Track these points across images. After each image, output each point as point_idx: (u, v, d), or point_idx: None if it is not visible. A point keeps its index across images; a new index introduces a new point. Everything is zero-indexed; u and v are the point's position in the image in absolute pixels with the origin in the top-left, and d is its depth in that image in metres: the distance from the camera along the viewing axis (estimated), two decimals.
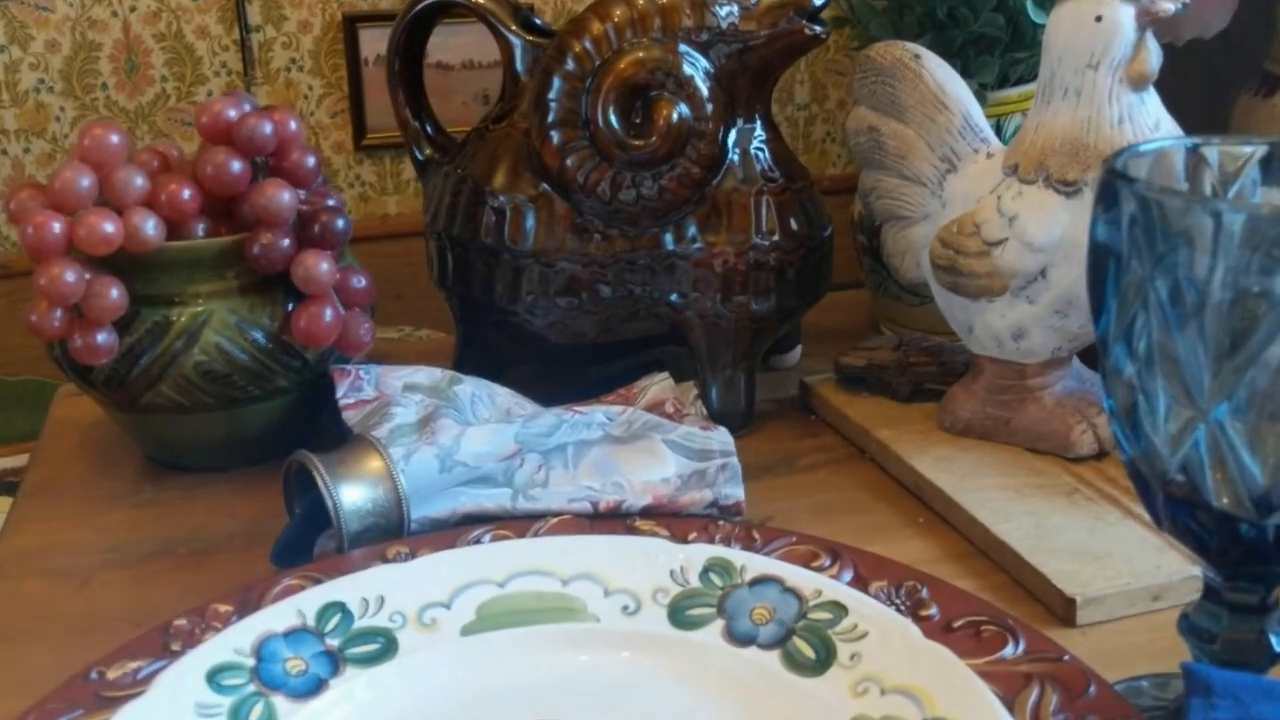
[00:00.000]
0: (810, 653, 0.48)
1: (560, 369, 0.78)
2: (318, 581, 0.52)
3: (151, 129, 1.70)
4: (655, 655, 0.49)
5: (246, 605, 0.51)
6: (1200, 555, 0.40)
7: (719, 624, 0.50)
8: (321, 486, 0.55)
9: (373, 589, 0.51)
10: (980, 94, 0.73)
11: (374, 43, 1.76)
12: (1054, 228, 0.59)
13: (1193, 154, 0.41)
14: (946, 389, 0.69)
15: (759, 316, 0.70)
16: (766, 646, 0.48)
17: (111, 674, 0.47)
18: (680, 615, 0.50)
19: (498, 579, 0.51)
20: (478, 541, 0.55)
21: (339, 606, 0.50)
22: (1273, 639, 0.40)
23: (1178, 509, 0.39)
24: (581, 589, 0.51)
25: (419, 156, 0.77)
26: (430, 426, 0.61)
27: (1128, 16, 0.58)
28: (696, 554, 0.52)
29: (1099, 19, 0.58)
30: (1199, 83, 1.01)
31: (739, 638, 0.49)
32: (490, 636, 0.49)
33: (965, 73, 0.73)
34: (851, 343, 0.75)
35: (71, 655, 0.50)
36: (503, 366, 0.76)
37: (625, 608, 0.51)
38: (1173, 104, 0.62)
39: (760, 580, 0.51)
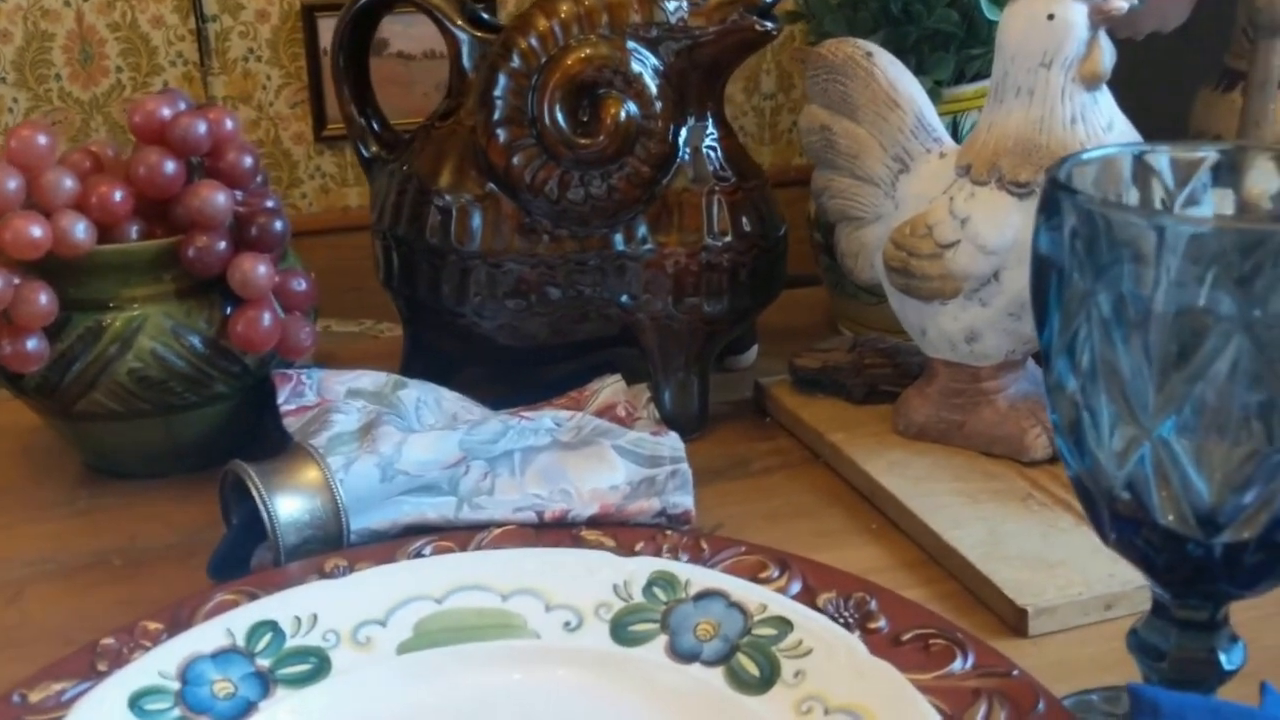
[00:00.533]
0: (754, 670, 0.46)
1: (510, 371, 0.76)
2: (252, 597, 0.51)
3: (106, 120, 1.67)
4: (597, 673, 0.47)
5: (177, 623, 0.49)
6: (1147, 573, 0.39)
7: (662, 640, 0.48)
8: (257, 498, 0.54)
9: (305, 607, 0.49)
10: (935, 91, 0.72)
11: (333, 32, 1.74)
12: (1006, 230, 0.58)
13: (1139, 161, 0.40)
14: (901, 391, 0.68)
15: (712, 318, 0.68)
16: (710, 663, 0.47)
17: (34, 696, 0.45)
18: (623, 631, 0.49)
19: (436, 595, 0.50)
20: (419, 554, 0.54)
21: (270, 625, 0.48)
22: (1222, 657, 0.39)
23: (1124, 526, 0.38)
24: (522, 604, 0.50)
25: (365, 154, 0.75)
26: (371, 434, 0.59)
27: (1080, 15, 0.57)
28: (641, 567, 0.51)
29: (1051, 17, 0.57)
30: (1158, 78, 1.00)
31: (682, 654, 0.48)
32: (428, 654, 0.48)
33: (920, 69, 0.72)
34: (808, 343, 0.74)
35: (11, 668, 0.49)
36: (452, 368, 0.75)
37: (567, 623, 0.49)
38: (1132, 99, 0.61)
39: (705, 594, 0.49)
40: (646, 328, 0.69)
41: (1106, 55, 0.57)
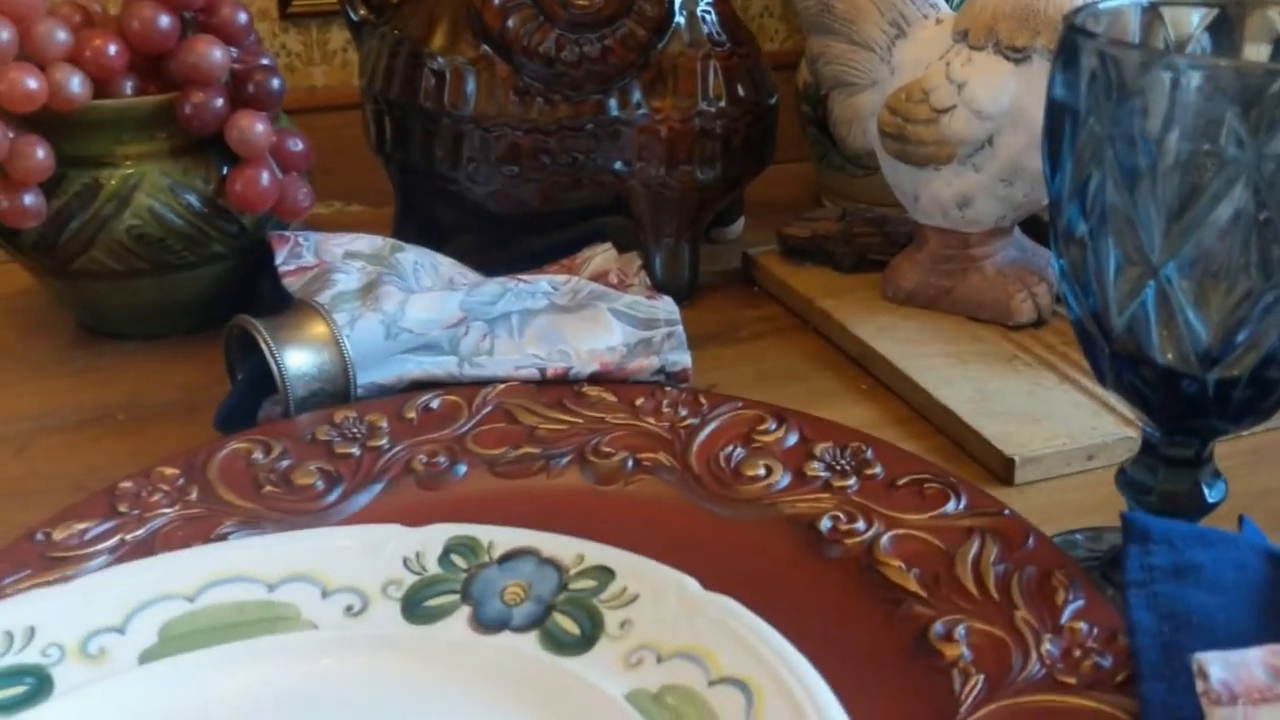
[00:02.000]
0: (574, 628, 0.41)
1: (501, 238, 0.77)
2: (265, 447, 0.52)
3: None
4: (391, 658, 0.41)
5: (191, 468, 0.50)
6: (1142, 410, 0.41)
7: (464, 611, 0.42)
8: (266, 351, 0.55)
9: (19, 619, 0.40)
10: None
11: None
12: (1002, 95, 0.59)
13: (1148, 13, 0.41)
14: (890, 259, 0.69)
15: (704, 185, 0.69)
16: (521, 629, 0.41)
17: (57, 534, 0.46)
18: (416, 609, 0.42)
19: (185, 593, 0.41)
20: (427, 407, 0.55)
21: None
22: (1205, 490, 0.42)
23: (1123, 365, 0.40)
24: (293, 593, 0.42)
25: (353, 17, 0.74)
26: (373, 293, 0.60)
27: None
28: (434, 536, 0.44)
29: None
30: None
31: (488, 624, 0.41)
32: (177, 660, 0.40)
33: None
34: (794, 215, 0.75)
35: (12, 517, 0.50)
36: (443, 235, 0.75)
37: (349, 608, 0.42)
38: None
39: (512, 555, 0.43)
40: (639, 195, 0.69)
41: None
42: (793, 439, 0.53)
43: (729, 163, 0.69)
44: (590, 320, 0.62)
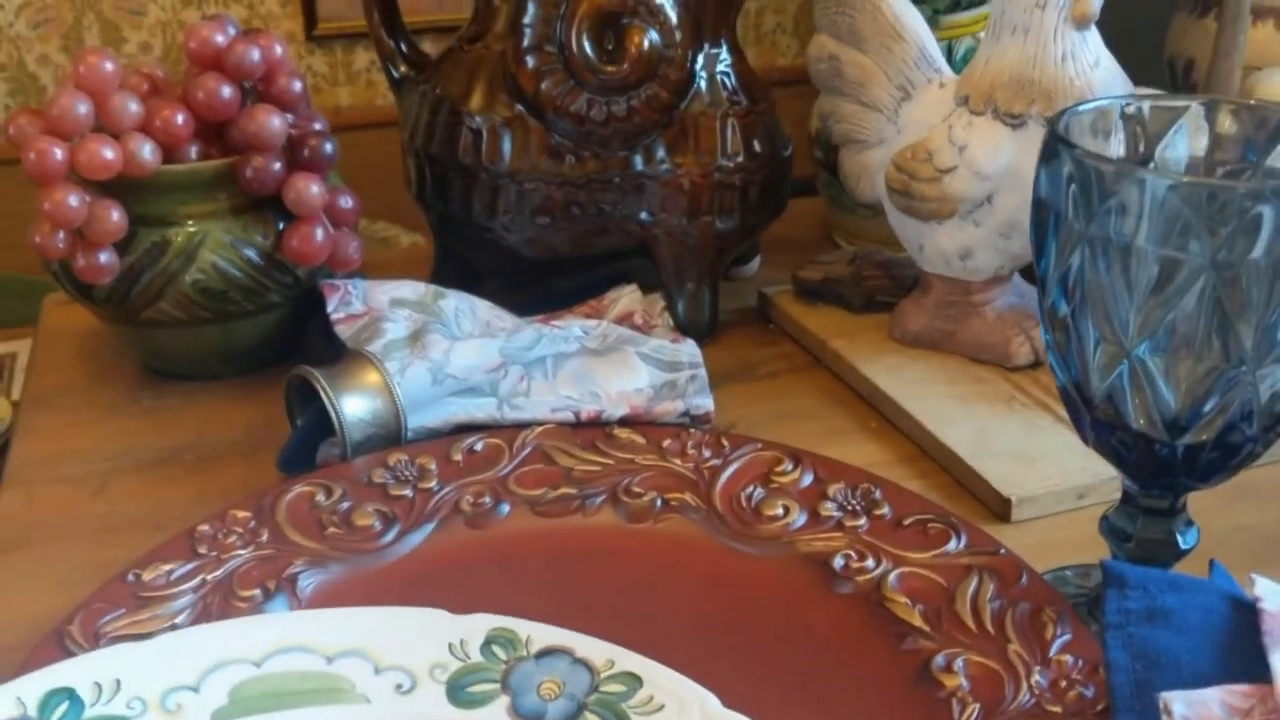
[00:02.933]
0: None
1: (533, 280, 0.82)
2: (327, 489, 0.57)
3: (98, 18, 1.68)
4: None
5: (261, 510, 0.56)
6: (1119, 468, 0.46)
7: (503, 701, 0.44)
8: (325, 399, 0.60)
9: (107, 671, 0.44)
10: (933, 19, 0.77)
11: None
12: (1000, 157, 0.64)
13: (1126, 111, 0.46)
14: (897, 301, 0.74)
15: (723, 233, 0.74)
16: None
17: (146, 576, 0.51)
18: (459, 693, 0.45)
19: (253, 658, 0.45)
20: (471, 449, 0.60)
21: (66, 693, 0.43)
22: (1179, 538, 0.47)
23: (1102, 429, 0.44)
24: (349, 667, 0.45)
25: (394, 74, 0.79)
26: (421, 341, 0.65)
27: None
28: (477, 625, 0.47)
29: None
30: (1137, 3, 1.05)
31: (526, 715, 0.44)
32: None
33: None
34: (807, 254, 0.80)
35: (102, 555, 0.55)
36: (479, 277, 0.80)
37: (399, 686, 0.45)
38: (1109, 23, 0.66)
39: (548, 652, 0.46)
40: (662, 242, 0.75)
41: None
42: (808, 479, 0.58)
43: (746, 212, 0.74)
44: (619, 363, 0.68)
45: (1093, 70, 0.63)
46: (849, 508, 0.56)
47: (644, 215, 0.74)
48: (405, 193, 0.79)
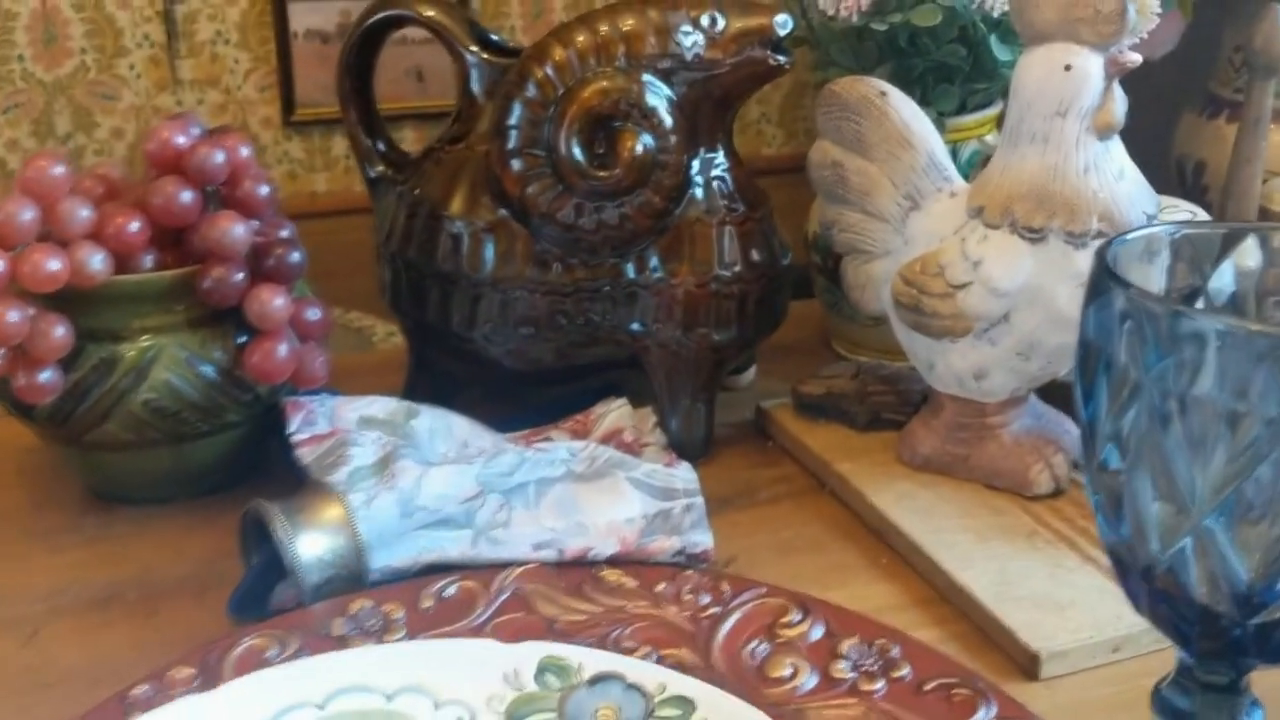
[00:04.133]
0: None
1: (514, 391, 0.77)
2: (281, 642, 0.51)
3: (70, 103, 1.64)
4: None
5: (207, 668, 0.50)
6: (1178, 642, 0.40)
7: None
8: (278, 539, 0.54)
9: None
10: (939, 121, 0.73)
11: (303, 15, 1.71)
12: (1018, 274, 0.60)
13: (1176, 240, 0.42)
14: (904, 418, 0.69)
15: (720, 346, 0.69)
16: None
17: None
18: None
19: (316, 700, 0.47)
20: (442, 594, 0.55)
21: None
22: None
23: (1158, 598, 0.39)
24: (409, 703, 0.47)
25: (370, 174, 0.75)
26: (390, 469, 0.60)
27: (1097, 66, 0.58)
28: (528, 654, 0.48)
29: (1068, 68, 0.58)
30: (1142, 100, 1.02)
31: None
32: None
33: (924, 100, 0.73)
34: (805, 362, 0.76)
35: (33, 715, 0.49)
36: (456, 388, 0.75)
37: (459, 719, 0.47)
38: None
39: (601, 678, 0.47)
40: (655, 355, 0.70)
41: (1120, 106, 0.58)
42: (818, 632, 0.52)
43: (744, 324, 0.69)
44: (608, 490, 0.62)
45: (1117, 182, 0.59)
46: (865, 668, 0.50)
47: (635, 326, 0.69)
48: (379, 268, 0.73)
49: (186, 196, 0.60)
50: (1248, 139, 0.72)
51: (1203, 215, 0.70)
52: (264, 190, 0.63)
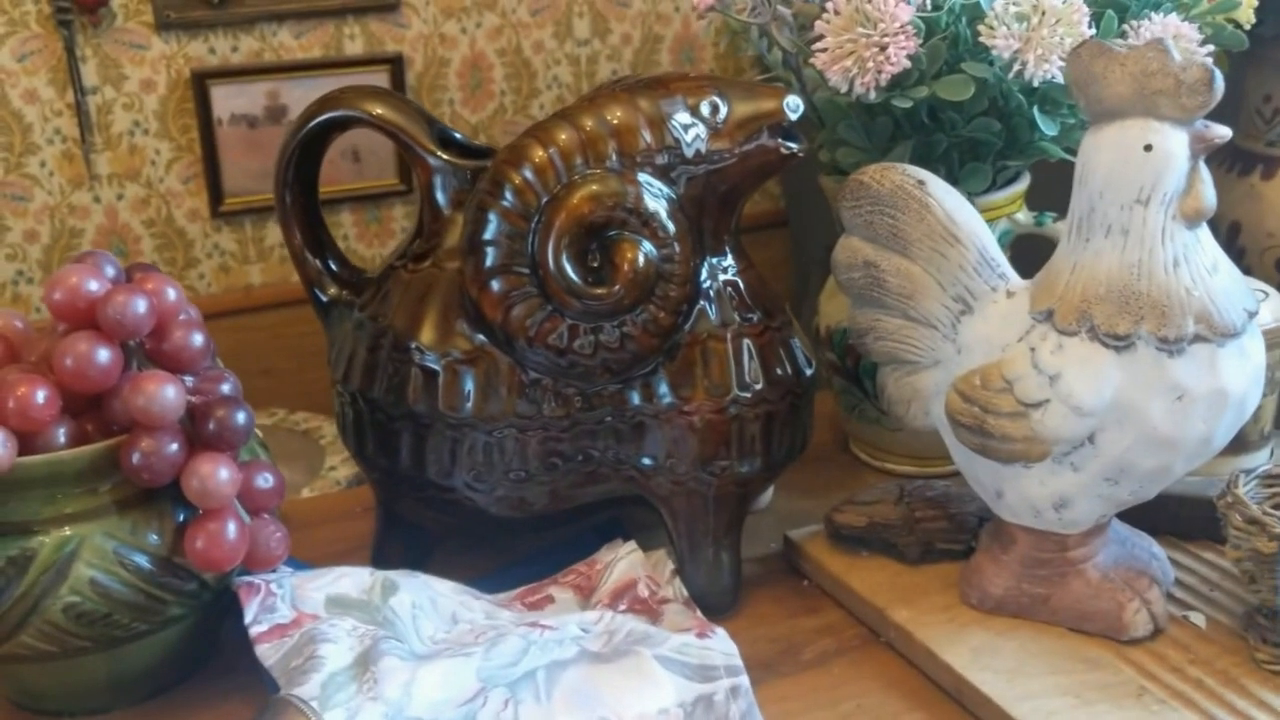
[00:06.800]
0: None
1: (498, 540, 0.67)
2: None
3: None
4: None
5: None
6: None
7: None
8: None
9: None
10: (969, 201, 0.65)
11: (227, 100, 1.61)
12: (1104, 388, 0.51)
13: None
14: (960, 547, 0.60)
15: (745, 480, 0.60)
16: None
17: None
18: None
19: None
20: None
21: None
22: None
23: None
24: None
25: (322, 298, 0.64)
26: (370, 670, 0.49)
27: (1181, 144, 0.49)
28: None
29: (1149, 148, 0.49)
30: None
31: None
32: None
33: (949, 180, 0.64)
34: (822, 471, 0.69)
35: None
36: (433, 542, 0.65)
37: None
38: None
39: None
40: (669, 494, 0.60)
41: (1209, 189, 0.50)
42: None
43: (770, 451, 0.60)
44: (633, 672, 0.52)
45: (1211, 276, 0.50)
46: None
47: (645, 461, 0.59)
48: (327, 373, 0.63)
49: (103, 356, 0.50)
50: None
51: (1275, 296, 0.62)
52: (197, 340, 0.52)
